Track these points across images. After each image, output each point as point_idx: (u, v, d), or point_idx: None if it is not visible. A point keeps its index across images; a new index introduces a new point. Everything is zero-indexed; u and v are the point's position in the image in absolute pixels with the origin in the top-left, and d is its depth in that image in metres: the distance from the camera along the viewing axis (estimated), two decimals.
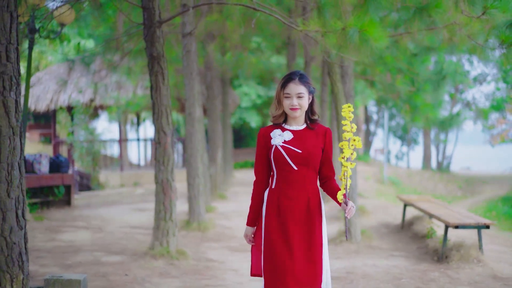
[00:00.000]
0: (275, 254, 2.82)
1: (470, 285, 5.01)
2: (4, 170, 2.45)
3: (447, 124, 19.73)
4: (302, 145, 2.81)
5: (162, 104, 5.75)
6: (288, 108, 2.83)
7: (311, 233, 2.84)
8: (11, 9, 2.48)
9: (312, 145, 2.83)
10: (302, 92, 2.81)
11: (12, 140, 2.46)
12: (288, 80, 2.84)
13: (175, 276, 5.24)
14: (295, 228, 2.82)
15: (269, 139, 2.85)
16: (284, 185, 2.82)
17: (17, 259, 2.49)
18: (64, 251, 6.25)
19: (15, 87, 2.47)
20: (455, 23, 6.38)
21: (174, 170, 5.88)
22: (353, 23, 4.97)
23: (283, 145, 2.81)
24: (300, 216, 2.82)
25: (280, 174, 2.83)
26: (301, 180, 2.80)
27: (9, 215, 2.46)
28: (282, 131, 2.86)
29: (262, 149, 2.86)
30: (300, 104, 2.82)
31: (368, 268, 5.62)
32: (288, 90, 2.81)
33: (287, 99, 2.83)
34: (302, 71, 2.89)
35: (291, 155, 2.79)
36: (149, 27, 5.66)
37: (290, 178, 2.80)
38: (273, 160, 2.83)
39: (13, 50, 2.47)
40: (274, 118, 2.90)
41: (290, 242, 2.80)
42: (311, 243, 2.84)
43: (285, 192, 2.82)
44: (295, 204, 2.81)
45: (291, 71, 2.91)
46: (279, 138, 2.83)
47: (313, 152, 2.81)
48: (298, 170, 2.79)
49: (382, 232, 7.70)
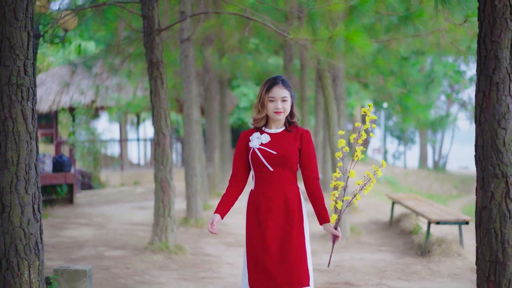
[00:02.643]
0: (254, 254, 2.89)
1: (450, 277, 5.36)
2: (22, 170, 2.80)
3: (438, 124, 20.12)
4: (278, 147, 2.89)
5: (161, 107, 6.09)
6: (273, 112, 2.90)
7: (290, 233, 2.88)
8: (28, 28, 2.82)
9: (288, 146, 2.90)
10: (286, 96, 2.89)
11: (29, 143, 2.82)
12: (272, 84, 2.91)
13: (173, 269, 5.59)
14: (273, 228, 2.87)
15: (248, 142, 2.95)
16: (262, 186, 2.91)
17: (33, 248, 2.84)
18: (68, 246, 6.60)
19: (31, 97, 2.82)
20: (439, 30, 6.73)
21: (172, 169, 6.23)
22: (339, 32, 5.33)
23: (260, 147, 2.90)
24: (278, 215, 2.88)
25: (258, 176, 2.93)
26: (278, 180, 2.88)
27: (26, 209, 2.82)
28: (261, 134, 2.95)
29: (240, 149, 2.96)
30: (284, 108, 2.89)
31: (355, 261, 5.98)
32: (272, 93, 2.88)
33: (271, 103, 2.89)
34: (283, 77, 3.02)
35: (267, 157, 2.88)
36: (149, 34, 5.99)
37: (268, 179, 2.89)
38: (251, 162, 2.93)
39: (30, 65, 2.82)
40: (256, 121, 2.97)
41: (268, 242, 2.86)
42: (289, 242, 2.87)
43: (263, 192, 2.90)
44: (272, 204, 2.88)
45: (273, 76, 2.99)
46: (257, 140, 2.92)
47: (288, 154, 2.88)
48: (274, 171, 2.88)
49: (371, 228, 8.06)
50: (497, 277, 2.45)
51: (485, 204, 2.50)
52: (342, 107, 8.64)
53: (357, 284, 5.08)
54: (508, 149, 2.46)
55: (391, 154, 32.45)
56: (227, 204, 2.95)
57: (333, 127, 7.10)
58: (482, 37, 2.54)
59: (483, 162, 2.51)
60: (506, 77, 2.46)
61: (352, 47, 5.31)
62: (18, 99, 2.78)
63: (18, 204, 2.79)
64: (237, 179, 2.98)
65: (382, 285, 5.06)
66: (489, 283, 2.48)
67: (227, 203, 2.94)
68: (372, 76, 10.80)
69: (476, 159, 2.56)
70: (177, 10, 8.07)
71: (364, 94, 17.14)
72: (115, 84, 14.18)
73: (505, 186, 2.45)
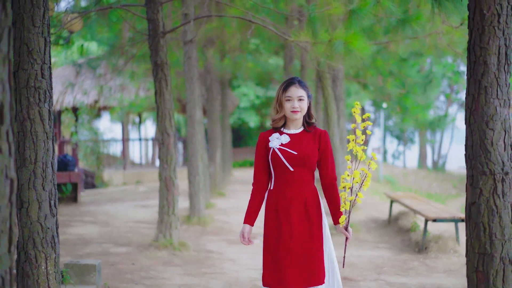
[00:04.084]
0: (272, 253, 2.91)
1: (445, 272, 5.54)
2: (39, 168, 2.97)
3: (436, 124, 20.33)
4: (298, 147, 2.91)
5: (165, 108, 6.26)
6: (289, 111, 2.92)
7: (309, 232, 2.90)
8: (45, 34, 3.00)
9: (308, 147, 2.92)
10: (302, 95, 2.92)
11: (46, 143, 2.99)
12: (289, 84, 2.95)
13: (177, 265, 5.76)
14: (293, 228, 2.89)
15: (268, 142, 2.97)
16: (282, 186, 2.93)
17: (50, 241, 3.02)
18: (74, 243, 6.77)
19: (48, 99, 3.00)
20: (436, 33, 6.91)
21: (176, 168, 6.40)
22: (339, 35, 5.50)
23: (280, 147, 2.92)
24: (297, 215, 2.90)
25: (278, 176, 2.94)
26: (298, 180, 2.91)
27: (44, 205, 2.99)
28: (280, 135, 2.97)
29: (261, 151, 2.98)
30: (301, 107, 2.92)
31: (354, 258, 6.15)
32: (289, 93, 2.92)
33: (288, 102, 2.92)
34: (299, 78, 3.07)
35: (287, 157, 2.90)
36: (154, 37, 6.16)
37: (287, 179, 2.91)
38: (271, 162, 2.95)
39: (46, 69, 2.99)
40: (274, 121, 3.00)
41: (287, 241, 2.88)
42: (309, 241, 2.89)
43: (283, 192, 2.92)
44: (292, 204, 2.90)
45: (290, 77, 3.05)
46: (277, 141, 2.94)
47: (308, 154, 2.90)
48: (294, 171, 2.90)
49: (370, 226, 8.23)
50: (485, 268, 2.63)
51: (474, 200, 2.68)
52: (341, 107, 8.82)
53: (355, 279, 5.25)
54: (495, 148, 2.63)
55: (390, 154, 32.63)
56: (254, 212, 2.99)
57: (333, 127, 7.28)
58: (471, 43, 2.71)
59: (472, 160, 2.69)
60: (494, 82, 2.64)
61: (351, 49, 5.48)
62: (35, 101, 2.96)
63: (36, 200, 2.97)
64: (259, 183, 3.01)
65: (380, 281, 5.23)
66: (478, 273, 2.65)
67: (254, 211, 2.99)
68: (371, 77, 10.98)
69: (466, 158, 2.73)
70: (180, 13, 8.24)
71: (364, 95, 17.31)
72: (118, 84, 14.36)
73: (492, 183, 2.63)
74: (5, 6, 1.64)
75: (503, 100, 2.64)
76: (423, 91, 10.96)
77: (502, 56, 2.64)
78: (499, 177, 2.62)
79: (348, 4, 5.82)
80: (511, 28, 2.67)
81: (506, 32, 2.64)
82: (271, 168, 2.97)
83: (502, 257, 2.61)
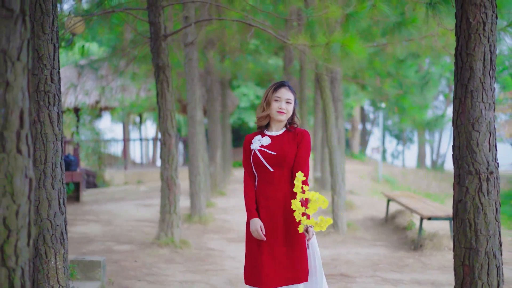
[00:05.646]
0: (253, 252, 3.00)
1: (440, 269, 5.69)
2: (49, 168, 3.13)
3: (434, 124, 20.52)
4: (277, 148, 3.00)
5: (167, 109, 6.40)
6: (276, 111, 3.01)
7: (290, 231, 2.95)
8: (54, 41, 3.15)
9: (287, 147, 3.00)
10: (290, 99, 3.02)
11: (55, 144, 3.15)
12: (280, 85, 3.06)
13: (179, 262, 5.91)
14: (274, 227, 2.96)
15: (251, 145, 3.09)
16: (263, 186, 3.02)
17: (59, 238, 3.17)
18: (78, 241, 6.92)
19: (57, 103, 3.15)
20: (432, 35, 7.06)
21: (177, 168, 6.55)
22: (336, 38, 5.65)
23: (260, 149, 3.02)
24: (277, 214, 2.97)
25: (259, 176, 3.04)
26: (278, 180, 2.98)
27: (53, 203, 3.15)
28: (262, 137, 3.08)
29: (245, 153, 3.10)
30: (287, 109, 3.02)
31: (351, 255, 6.31)
32: (279, 94, 3.02)
33: (276, 102, 3.01)
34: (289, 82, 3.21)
35: (266, 157, 2.99)
36: (155, 40, 6.31)
37: (268, 179, 3.00)
38: (253, 164, 3.05)
39: (55, 74, 3.15)
40: (259, 120, 3.11)
41: (268, 240, 2.95)
42: (290, 240, 2.94)
43: (264, 192, 3.01)
44: (273, 203, 2.98)
45: (281, 80, 3.16)
46: (258, 143, 3.06)
47: (286, 154, 2.98)
48: (274, 171, 2.99)
49: (368, 224, 8.39)
50: (471, 262, 2.78)
51: (460, 197, 2.83)
52: (339, 108, 8.97)
53: (352, 275, 5.40)
54: (481, 149, 2.79)
55: (390, 154, 32.79)
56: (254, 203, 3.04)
57: (331, 128, 7.43)
58: (458, 50, 2.86)
59: (459, 160, 2.84)
60: (479, 86, 2.79)
61: (348, 52, 5.64)
62: (45, 105, 3.11)
63: (46, 199, 3.13)
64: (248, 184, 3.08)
65: (376, 277, 5.38)
66: (464, 267, 2.81)
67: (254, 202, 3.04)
68: (369, 77, 11.13)
69: (454, 158, 2.89)
70: (181, 15, 8.39)
71: (362, 95, 17.47)
72: (119, 85, 14.52)
73: (478, 182, 2.78)
74: (24, 20, 1.79)
75: (488, 104, 2.79)
76: (420, 91, 11.13)
77: (487, 62, 2.79)
78: (484, 176, 2.77)
79: (345, 7, 5.98)
80: (495, 36, 2.82)
81: (491, 39, 2.80)
82: (253, 169, 3.07)
83: (487, 252, 2.77)
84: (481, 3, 2.75)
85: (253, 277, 2.97)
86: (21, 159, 1.78)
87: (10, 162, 1.74)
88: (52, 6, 3.16)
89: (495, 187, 2.78)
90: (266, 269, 2.92)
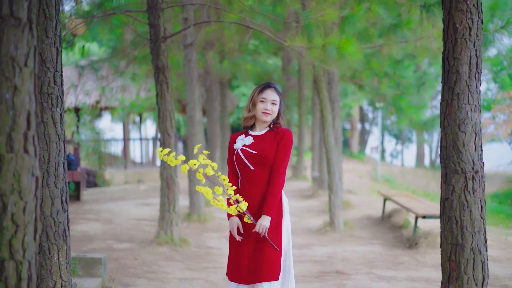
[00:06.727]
0: (233, 249, 3.08)
1: (434, 266, 5.81)
2: (52, 167, 3.25)
3: (430, 124, 20.66)
4: (258, 147, 3.05)
5: (166, 110, 6.52)
6: (261, 112, 3.06)
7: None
8: (57, 45, 3.27)
9: (268, 146, 3.05)
10: (276, 100, 3.07)
11: (58, 144, 3.27)
12: (266, 87, 3.10)
13: (179, 260, 6.03)
14: (251, 225, 3.01)
15: (234, 144, 3.15)
16: (245, 185, 3.08)
17: (62, 234, 3.29)
18: (79, 239, 7.04)
19: (60, 104, 3.27)
20: (427, 37, 7.17)
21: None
22: (332, 40, 5.77)
23: (242, 148, 3.08)
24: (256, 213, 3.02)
25: (242, 175, 3.10)
26: (259, 179, 3.04)
27: (56, 201, 3.26)
28: (245, 136, 3.14)
29: (230, 151, 3.16)
30: (272, 110, 3.06)
31: (347, 253, 6.43)
32: (265, 95, 3.06)
33: (262, 103, 3.06)
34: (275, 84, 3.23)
35: (248, 156, 3.05)
36: (155, 41, 6.42)
37: (249, 178, 3.06)
38: (236, 162, 3.12)
39: (58, 76, 3.27)
40: (245, 120, 3.15)
41: (244, 238, 3.02)
42: (265, 239, 2.98)
43: (245, 191, 3.06)
44: (249, 202, 3.01)
45: (267, 82, 3.18)
46: (241, 142, 3.12)
47: (268, 153, 3.03)
48: (255, 170, 3.04)
49: (364, 223, 8.51)
50: (457, 257, 2.90)
51: (447, 196, 2.95)
52: (337, 109, 9.09)
53: (347, 273, 5.52)
54: (467, 149, 2.91)
55: (389, 153, 32.91)
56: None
57: (328, 128, 7.55)
58: (445, 54, 2.98)
59: (446, 160, 2.96)
60: (465, 89, 2.91)
61: (344, 54, 5.76)
62: (48, 106, 3.23)
63: (49, 197, 3.25)
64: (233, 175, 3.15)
65: (371, 274, 5.50)
66: (451, 262, 2.93)
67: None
68: (367, 78, 11.25)
69: (441, 157, 3.01)
70: (180, 17, 8.50)
71: (360, 95, 17.58)
72: (120, 85, 14.63)
73: (464, 180, 2.90)
74: (31, 28, 1.91)
75: (474, 106, 2.91)
76: (417, 92, 11.26)
77: (473, 66, 2.91)
78: (469, 175, 2.89)
79: (342, 10, 6.10)
80: (481, 40, 2.94)
81: (477, 44, 2.91)
82: (236, 168, 3.13)
83: (472, 248, 2.89)
84: (467, 9, 2.86)
85: (232, 272, 3.06)
86: (28, 159, 1.90)
87: (17, 162, 1.85)
88: (55, 11, 3.27)
89: (481, 185, 2.90)
90: (241, 265, 3.00)
